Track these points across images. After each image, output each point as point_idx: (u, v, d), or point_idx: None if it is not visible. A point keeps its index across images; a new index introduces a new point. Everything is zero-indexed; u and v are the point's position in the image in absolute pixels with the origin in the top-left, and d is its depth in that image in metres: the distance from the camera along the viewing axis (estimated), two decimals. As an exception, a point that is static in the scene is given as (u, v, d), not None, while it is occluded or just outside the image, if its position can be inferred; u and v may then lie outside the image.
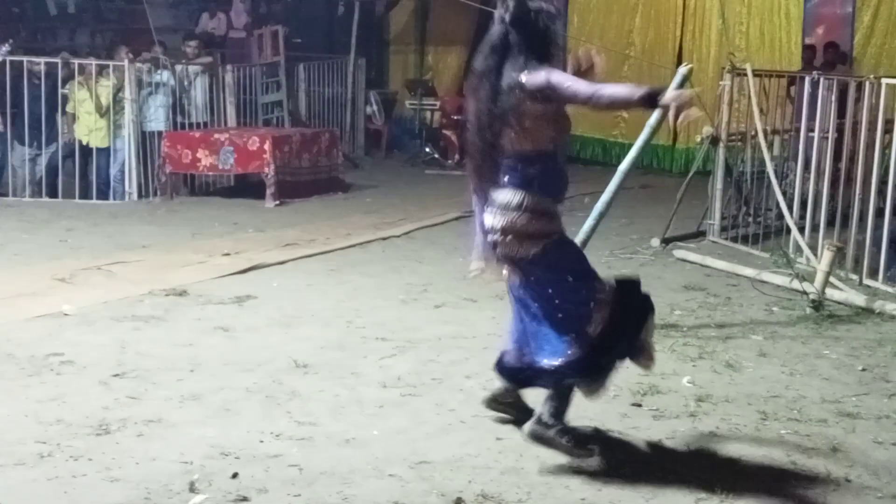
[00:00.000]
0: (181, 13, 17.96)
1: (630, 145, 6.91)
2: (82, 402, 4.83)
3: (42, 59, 11.71)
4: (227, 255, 8.40)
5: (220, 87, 13.08)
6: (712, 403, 5.00)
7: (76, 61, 11.75)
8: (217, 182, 12.51)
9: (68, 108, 11.62)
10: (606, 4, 15.11)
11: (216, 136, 11.72)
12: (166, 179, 11.60)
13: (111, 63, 11.65)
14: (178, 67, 12.36)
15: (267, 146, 11.36)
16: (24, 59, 11.59)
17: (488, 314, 6.66)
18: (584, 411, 4.77)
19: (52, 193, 11.58)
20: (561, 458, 4.23)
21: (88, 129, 11.59)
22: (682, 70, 6.54)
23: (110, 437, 4.42)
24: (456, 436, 4.52)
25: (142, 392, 5.01)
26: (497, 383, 4.63)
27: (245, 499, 3.85)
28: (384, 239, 9.36)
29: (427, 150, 15.49)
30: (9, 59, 11.36)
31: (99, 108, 11.46)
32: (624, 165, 6.45)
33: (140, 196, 11.55)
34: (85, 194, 11.53)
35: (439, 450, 4.34)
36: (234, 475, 4.03)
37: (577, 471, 4.16)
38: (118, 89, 11.46)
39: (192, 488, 3.90)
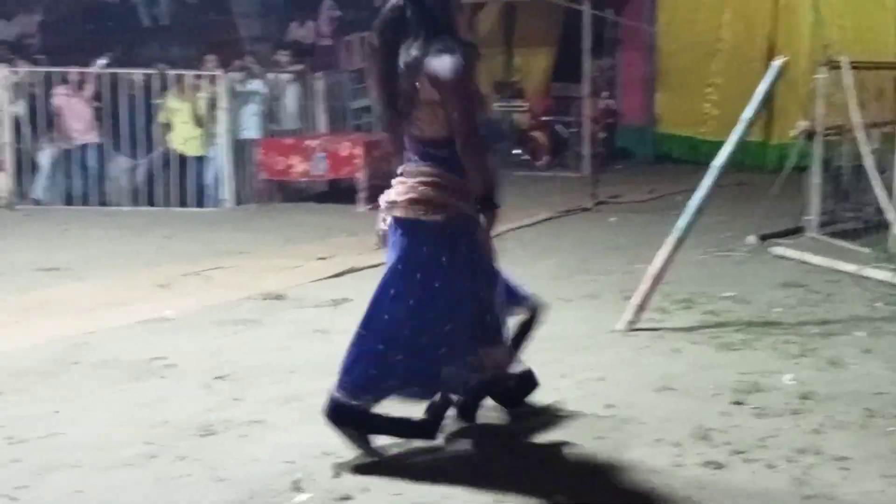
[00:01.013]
0: (270, 23, 18.21)
1: (718, 143, 6.83)
2: (186, 404, 4.93)
3: (138, 71, 11.99)
4: (322, 259, 8.50)
5: (311, 94, 13.24)
6: (815, 401, 4.90)
7: (171, 72, 12.00)
8: (309, 188, 12.66)
9: (160, 119, 11.87)
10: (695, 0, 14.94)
11: (308, 142, 11.87)
12: (261, 186, 11.78)
13: (206, 73, 11.88)
14: (270, 76, 12.55)
15: (358, 151, 11.47)
16: (121, 71, 11.88)
17: (582, 314, 6.63)
18: (680, 411, 4.73)
19: (150, 202, 11.85)
20: (663, 456, 4.19)
21: (184, 138, 11.83)
22: (776, 64, 6.43)
23: (214, 438, 4.49)
24: (554, 434, 4.50)
25: (243, 394, 5.09)
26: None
27: (348, 497, 3.88)
28: (476, 241, 9.35)
29: (516, 151, 15.48)
30: (106, 71, 11.65)
31: (195, 117, 11.68)
32: (719, 161, 6.37)
33: (236, 203, 11.75)
34: (182, 202, 11.76)
35: (536, 449, 4.32)
36: (337, 474, 4.07)
37: (678, 465, 4.11)
38: (213, 99, 11.68)
39: (296, 487, 3.95)
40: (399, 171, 4.11)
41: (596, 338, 6.09)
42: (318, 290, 7.36)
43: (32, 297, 7.14)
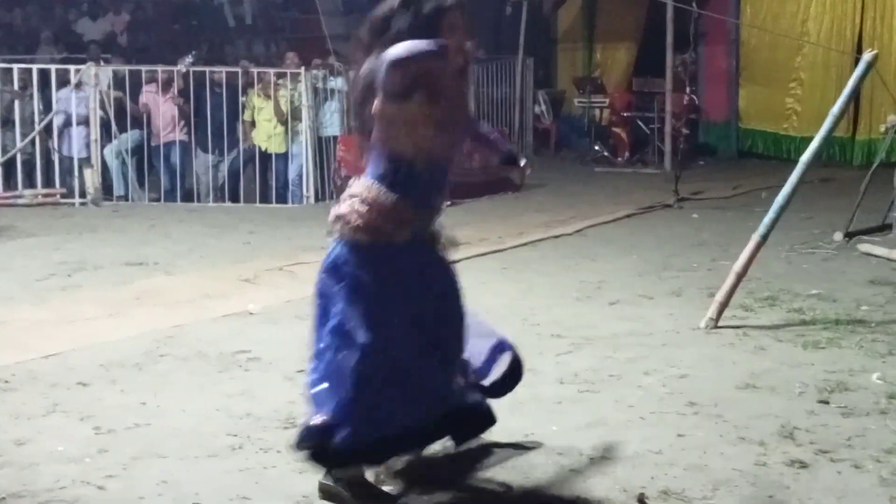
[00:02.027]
0: (352, 20, 18.33)
1: (802, 138, 6.74)
2: (269, 396, 4.99)
3: (223, 69, 12.17)
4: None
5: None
6: (905, 401, 4.81)
7: (255, 70, 12.16)
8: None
9: (245, 117, 12.03)
10: (780, -8, 14.71)
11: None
12: (342, 182, 11.87)
13: (289, 71, 12.01)
14: (352, 74, 12.62)
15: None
16: (206, 69, 12.07)
17: (665, 311, 6.58)
18: (765, 410, 4.67)
19: (234, 198, 12.02)
20: (747, 455, 4.15)
21: (267, 135, 11.98)
22: (867, 57, 6.32)
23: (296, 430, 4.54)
24: (636, 432, 4.47)
25: (325, 387, 5.14)
26: None
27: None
28: (556, 237, 9.35)
29: (596, 147, 15.40)
30: (192, 69, 11.85)
31: (278, 114, 11.83)
32: (806, 156, 6.27)
33: (317, 199, 11.86)
34: (264, 198, 11.91)
35: (620, 446, 4.30)
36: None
37: (762, 465, 4.06)
38: (296, 96, 11.81)
39: (377, 481, 3.98)
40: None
41: (679, 335, 6.03)
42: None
43: (121, 292, 7.29)
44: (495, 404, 4.07)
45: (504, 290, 7.24)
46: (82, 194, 11.65)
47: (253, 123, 12.06)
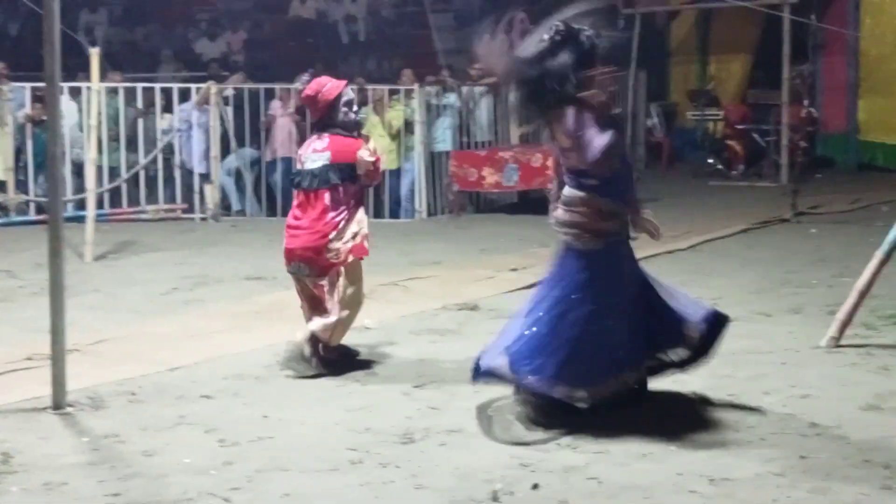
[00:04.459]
0: (464, 36, 18.45)
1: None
2: (388, 411, 5.06)
3: (338, 86, 12.34)
4: (515, 270, 8.56)
5: (504, 106, 13.34)
6: None
7: (370, 87, 12.32)
8: (501, 199, 12.77)
9: (363, 132, 12.17)
10: (902, 4, 14.33)
11: (500, 154, 11.98)
12: (454, 198, 11.97)
13: (402, 87, 12.14)
14: (464, 89, 12.71)
15: (550, 162, 11.48)
16: (322, 86, 12.26)
17: (784, 328, 6.47)
18: (890, 432, 4.55)
19: (348, 213, 12.16)
20: (873, 478, 4.05)
21: (380, 151, 12.10)
22: None
23: (415, 445, 4.60)
24: (757, 453, 4.41)
25: (442, 403, 5.19)
26: None
27: (546, 510, 3.91)
28: (670, 252, 9.24)
29: (710, 161, 15.20)
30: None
31: (391, 131, 11.97)
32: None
33: (429, 214, 11.96)
34: (378, 213, 12.04)
35: (740, 467, 4.25)
36: (535, 486, 4.10)
37: (888, 488, 3.97)
38: (410, 112, 11.92)
39: (496, 497, 4.00)
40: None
41: (800, 353, 5.92)
42: (511, 301, 7.39)
43: (243, 306, 7.47)
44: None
45: (619, 307, 7.19)
46: (202, 210, 11.94)
47: (367, 139, 12.19)
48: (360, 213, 5.90)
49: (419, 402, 5.22)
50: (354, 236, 5.76)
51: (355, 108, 6.27)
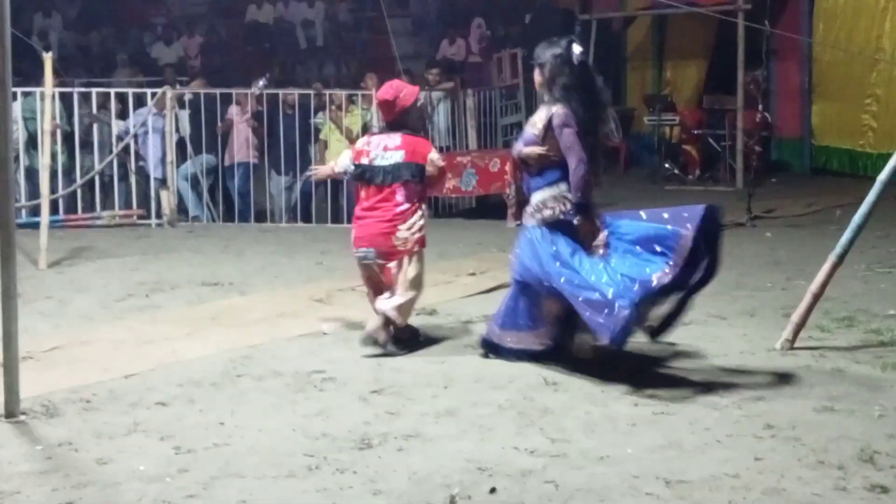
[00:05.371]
0: (422, 41, 18.48)
1: (878, 155, 6.64)
2: (345, 417, 5.04)
3: (295, 91, 12.31)
4: (473, 274, 8.57)
5: (462, 111, 13.38)
6: None
7: (327, 92, 12.29)
8: (459, 204, 12.78)
9: (322, 136, 12.16)
10: (854, 9, 14.45)
11: (458, 158, 11.99)
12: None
13: (360, 92, 12.12)
14: (422, 95, 12.69)
15: (508, 167, 11.52)
16: (279, 91, 12.23)
17: (739, 331, 6.53)
18: (843, 433, 4.60)
19: (307, 218, 12.13)
20: (826, 479, 4.10)
21: (338, 155, 12.07)
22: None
23: (372, 451, 4.59)
24: (712, 454, 4.44)
25: (399, 408, 5.18)
26: None
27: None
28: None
29: (667, 165, 15.30)
30: (265, 92, 12.01)
31: (349, 135, 11.94)
32: (883, 175, 6.17)
33: (387, 219, 11.91)
34: (336, 218, 12.01)
35: (696, 469, 4.28)
36: (492, 490, 4.10)
37: (841, 489, 4.01)
38: (368, 117, 11.91)
39: (453, 502, 4.00)
40: None
41: (755, 356, 5.98)
42: (470, 305, 7.43)
43: (198, 311, 7.42)
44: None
45: (576, 311, 7.21)
46: (158, 215, 11.85)
47: (326, 144, 12.18)
48: (424, 209, 6.49)
49: (376, 406, 5.21)
50: (420, 228, 6.36)
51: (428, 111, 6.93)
